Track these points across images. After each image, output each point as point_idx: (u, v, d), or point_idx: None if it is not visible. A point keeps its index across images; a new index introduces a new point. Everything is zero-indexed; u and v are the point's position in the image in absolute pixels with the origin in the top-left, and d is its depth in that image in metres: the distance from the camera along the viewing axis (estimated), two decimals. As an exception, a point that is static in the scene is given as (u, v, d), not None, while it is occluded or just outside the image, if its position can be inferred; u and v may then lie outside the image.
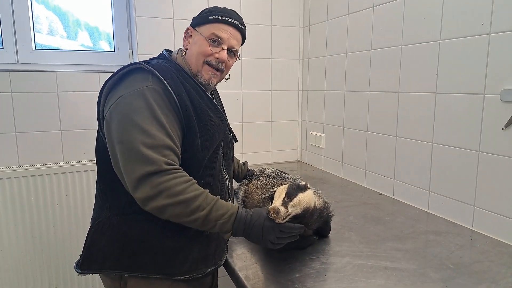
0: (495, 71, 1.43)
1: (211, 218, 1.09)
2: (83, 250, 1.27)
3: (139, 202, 1.07)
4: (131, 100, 1.12)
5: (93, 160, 2.22)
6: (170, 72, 1.20)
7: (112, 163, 1.15)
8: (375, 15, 2.03)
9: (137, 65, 1.18)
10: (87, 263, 1.25)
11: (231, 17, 1.31)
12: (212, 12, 1.30)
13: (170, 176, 1.06)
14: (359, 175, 2.26)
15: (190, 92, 1.20)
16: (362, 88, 2.18)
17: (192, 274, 1.23)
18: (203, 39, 1.29)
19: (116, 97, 1.15)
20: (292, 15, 2.73)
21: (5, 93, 2.09)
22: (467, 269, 1.23)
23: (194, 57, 1.30)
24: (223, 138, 1.33)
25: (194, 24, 1.34)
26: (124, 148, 1.08)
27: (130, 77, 1.17)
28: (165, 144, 1.09)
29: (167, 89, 1.15)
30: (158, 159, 1.06)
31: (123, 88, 1.16)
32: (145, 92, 1.12)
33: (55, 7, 2.27)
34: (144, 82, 1.15)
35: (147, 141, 1.07)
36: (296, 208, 1.15)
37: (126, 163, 1.08)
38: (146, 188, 1.04)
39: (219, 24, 1.29)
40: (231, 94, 2.61)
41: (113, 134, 1.12)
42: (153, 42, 2.34)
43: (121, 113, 1.11)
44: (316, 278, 1.17)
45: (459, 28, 1.56)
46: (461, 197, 1.61)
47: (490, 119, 1.46)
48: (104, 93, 1.21)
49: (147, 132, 1.08)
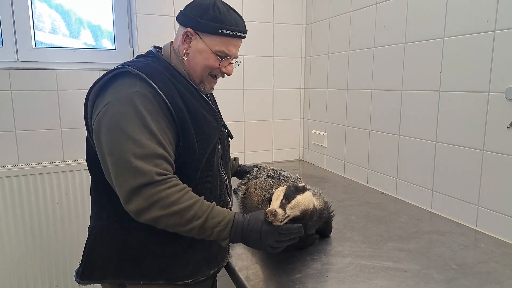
0: (500, 68, 1.41)
1: (207, 226, 1.05)
2: (82, 260, 1.24)
3: (132, 215, 1.03)
4: (119, 108, 1.06)
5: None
6: (160, 73, 1.15)
7: (105, 174, 1.11)
8: (378, 12, 2.01)
9: (123, 68, 1.12)
10: (88, 273, 1.22)
11: (240, 30, 1.23)
12: (222, 24, 1.19)
13: (163, 187, 1.02)
14: (361, 174, 2.24)
15: (182, 93, 1.15)
16: (365, 86, 2.16)
17: (195, 277, 1.21)
18: (210, 52, 1.22)
19: (102, 104, 1.09)
20: (294, 12, 2.71)
21: (5, 91, 2.08)
22: (471, 269, 1.22)
23: (199, 68, 1.24)
24: (220, 137, 1.30)
25: (196, 28, 1.21)
26: (114, 159, 1.04)
27: (117, 82, 1.11)
28: (156, 153, 1.04)
29: (158, 94, 1.09)
30: (149, 170, 1.01)
31: (110, 95, 1.10)
32: (134, 98, 1.06)
33: (58, 6, 2.26)
34: (132, 88, 1.09)
35: (137, 152, 1.02)
36: (294, 210, 1.12)
37: (117, 176, 1.03)
38: (138, 201, 1.00)
39: (229, 39, 1.22)
40: (232, 92, 2.60)
41: (103, 144, 1.07)
42: (154, 39, 2.31)
43: (109, 122, 1.06)
44: (317, 279, 1.16)
45: (463, 25, 1.54)
46: (465, 197, 1.59)
47: (495, 117, 1.44)
48: (90, 99, 1.15)
49: (137, 142, 1.03)
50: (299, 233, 1.12)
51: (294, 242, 1.13)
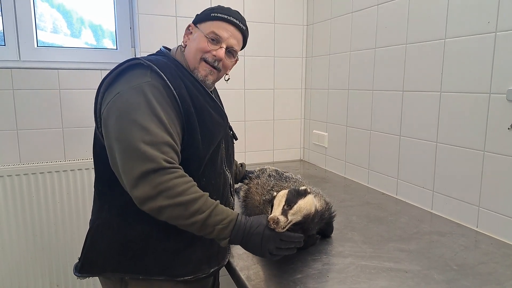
0: (501, 70, 1.41)
1: (209, 223, 1.05)
2: (82, 253, 1.25)
3: (137, 202, 1.03)
4: (129, 96, 1.09)
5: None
6: (169, 68, 1.18)
7: (110, 162, 1.11)
8: (379, 13, 2.01)
9: (135, 60, 1.16)
10: (87, 267, 1.22)
11: (232, 16, 1.29)
12: (214, 10, 1.29)
13: (170, 176, 1.02)
14: (362, 174, 2.25)
15: (189, 88, 1.18)
16: (366, 87, 2.16)
17: (195, 274, 1.21)
18: (202, 35, 1.27)
19: (113, 93, 1.12)
20: (295, 13, 2.71)
21: (7, 90, 2.09)
22: (472, 270, 1.22)
23: (192, 53, 1.28)
24: (224, 135, 1.31)
25: (195, 21, 1.33)
26: (122, 145, 1.05)
27: (128, 73, 1.15)
28: (164, 141, 1.06)
29: (167, 85, 1.12)
30: (157, 156, 1.02)
31: (121, 84, 1.13)
32: (144, 88, 1.09)
33: (59, 5, 2.27)
34: (143, 78, 1.12)
35: (146, 138, 1.03)
36: (296, 215, 1.12)
37: (124, 161, 1.04)
38: (145, 187, 1.00)
39: (220, 22, 1.27)
40: (233, 92, 2.60)
41: (110, 131, 1.09)
42: (156, 39, 2.33)
43: (119, 109, 1.08)
44: (318, 279, 1.16)
45: (464, 26, 1.54)
46: (466, 198, 1.59)
47: (496, 118, 1.44)
48: (101, 91, 1.18)
49: (146, 129, 1.04)
50: (299, 244, 1.12)
51: (293, 252, 1.12)
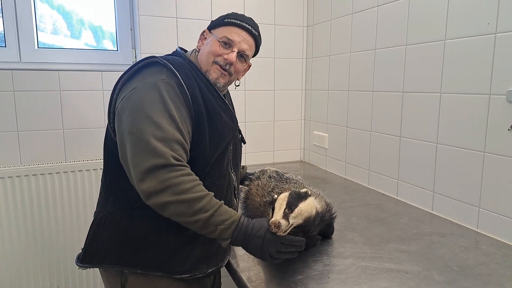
0: (501, 71, 1.41)
1: (212, 222, 1.07)
2: (85, 244, 1.27)
3: (143, 195, 1.05)
4: (144, 92, 1.12)
5: (95, 159, 2.23)
6: (184, 67, 1.21)
7: (120, 155, 1.14)
8: (379, 14, 2.02)
9: (152, 58, 1.19)
10: (89, 257, 1.25)
11: (245, 22, 1.33)
12: (228, 16, 1.33)
13: (177, 173, 1.05)
14: (362, 175, 2.25)
15: (202, 89, 1.21)
16: (366, 88, 2.16)
17: (192, 273, 1.22)
18: (215, 40, 1.30)
19: (129, 89, 1.15)
20: (295, 14, 2.71)
21: (8, 91, 2.09)
22: (472, 271, 1.22)
23: (205, 56, 1.31)
24: (233, 138, 1.33)
25: (210, 27, 1.37)
26: (133, 138, 1.08)
27: (145, 70, 1.19)
28: (175, 138, 1.09)
29: (181, 84, 1.15)
30: (166, 152, 1.05)
31: (137, 81, 1.17)
32: (159, 85, 1.13)
33: (59, 6, 2.27)
34: (159, 75, 1.15)
35: (157, 134, 1.06)
36: (297, 219, 1.12)
37: (134, 154, 1.07)
38: (152, 182, 1.03)
39: (233, 28, 1.31)
40: (233, 93, 2.59)
41: (123, 124, 1.12)
42: (156, 41, 2.33)
43: (133, 104, 1.12)
44: (319, 280, 1.16)
45: (464, 27, 1.54)
46: (466, 198, 1.59)
47: (496, 119, 1.44)
48: (118, 87, 1.22)
49: (158, 125, 1.07)
50: (300, 248, 1.13)
51: (294, 256, 1.13)
